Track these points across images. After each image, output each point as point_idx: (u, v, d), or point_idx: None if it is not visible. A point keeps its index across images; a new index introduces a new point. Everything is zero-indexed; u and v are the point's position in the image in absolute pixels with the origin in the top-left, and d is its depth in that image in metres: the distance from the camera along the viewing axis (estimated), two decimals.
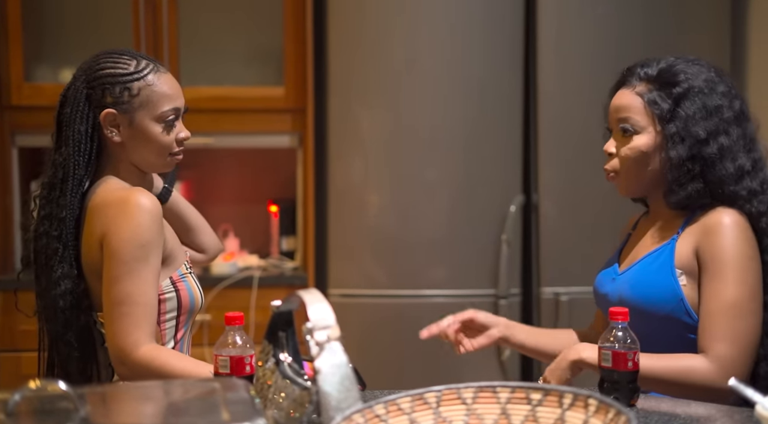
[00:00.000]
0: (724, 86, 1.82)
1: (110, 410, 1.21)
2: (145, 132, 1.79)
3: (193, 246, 2.06)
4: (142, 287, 1.70)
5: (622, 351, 1.60)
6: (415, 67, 3.21)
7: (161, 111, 1.79)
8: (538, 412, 1.26)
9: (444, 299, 3.24)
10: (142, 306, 1.70)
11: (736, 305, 1.72)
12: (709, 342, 1.71)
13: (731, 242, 1.75)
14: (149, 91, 1.78)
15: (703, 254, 1.77)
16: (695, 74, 1.81)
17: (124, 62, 1.78)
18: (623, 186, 1.89)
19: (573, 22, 3.21)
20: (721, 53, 3.25)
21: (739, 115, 1.81)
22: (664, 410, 1.57)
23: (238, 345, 1.58)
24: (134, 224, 1.70)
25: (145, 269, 1.70)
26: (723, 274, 1.74)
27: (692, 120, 1.78)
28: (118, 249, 1.70)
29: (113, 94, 1.76)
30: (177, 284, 1.79)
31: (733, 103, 1.81)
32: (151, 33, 3.27)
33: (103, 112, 1.77)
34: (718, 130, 1.79)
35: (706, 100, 1.79)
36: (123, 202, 1.72)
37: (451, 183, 3.23)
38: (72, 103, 1.77)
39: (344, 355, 1.24)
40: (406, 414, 1.27)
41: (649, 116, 1.82)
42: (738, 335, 1.71)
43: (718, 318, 1.72)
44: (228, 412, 1.14)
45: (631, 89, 1.85)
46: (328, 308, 1.25)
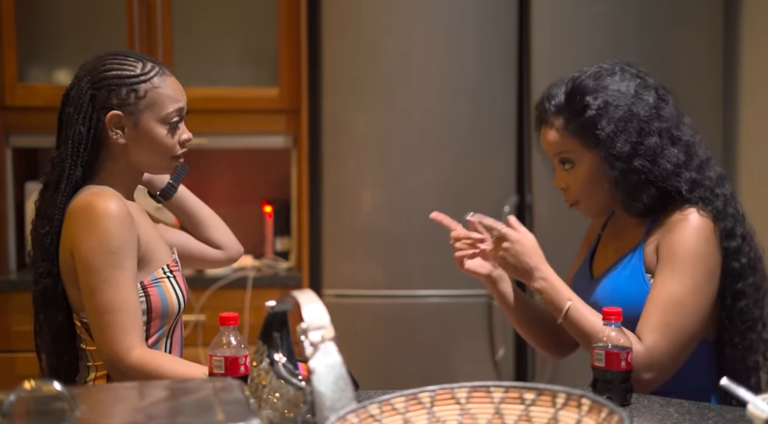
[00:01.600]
0: (631, 85, 1.81)
1: (104, 411, 1.21)
2: (150, 134, 1.79)
3: (209, 243, 2.04)
4: (122, 294, 1.70)
5: (615, 351, 1.61)
6: (409, 67, 3.22)
7: (166, 113, 1.79)
8: (531, 412, 1.26)
9: (438, 299, 3.25)
10: (125, 312, 1.70)
11: (675, 299, 1.73)
12: (643, 330, 1.73)
13: (686, 238, 1.76)
14: (155, 94, 1.78)
15: (660, 249, 1.78)
16: (598, 89, 1.81)
17: (131, 64, 1.78)
18: (587, 212, 1.92)
19: (567, 22, 3.22)
20: (714, 49, 3.27)
21: (655, 107, 1.80)
22: (657, 410, 1.58)
23: (232, 345, 1.59)
24: (101, 231, 1.69)
25: (121, 274, 1.70)
26: (671, 267, 1.75)
27: (614, 136, 1.78)
28: (90, 259, 1.70)
29: (119, 95, 1.76)
30: (148, 289, 1.77)
31: (644, 99, 1.80)
32: (146, 33, 3.27)
33: (109, 114, 1.76)
34: (641, 135, 1.78)
35: (617, 111, 1.79)
36: (88, 209, 1.71)
37: (445, 183, 3.23)
38: (75, 104, 1.77)
39: (338, 355, 1.24)
40: (400, 414, 1.27)
41: (577, 145, 1.83)
42: (670, 330, 1.72)
43: (656, 309, 1.73)
44: (223, 412, 1.14)
45: (550, 126, 1.86)
46: (323, 308, 1.25)
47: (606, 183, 1.84)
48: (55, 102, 3.09)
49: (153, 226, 1.86)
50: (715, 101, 3.25)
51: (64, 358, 1.80)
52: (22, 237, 3.35)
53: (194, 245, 2.03)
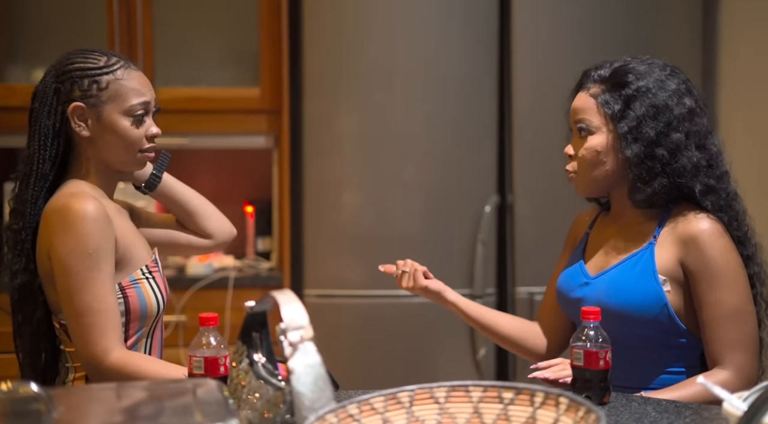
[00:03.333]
0: (675, 84, 1.85)
1: (81, 412, 1.20)
2: (114, 126, 1.78)
3: (198, 232, 2.03)
4: (99, 295, 1.69)
5: (593, 350, 1.62)
6: (391, 67, 3.22)
7: (129, 105, 1.78)
8: (509, 411, 1.27)
9: (420, 300, 3.21)
10: (103, 313, 1.69)
11: (739, 311, 1.76)
12: (723, 352, 1.75)
13: (719, 250, 1.78)
14: (118, 85, 1.77)
15: (692, 266, 1.79)
16: (645, 74, 1.84)
17: (95, 58, 1.78)
18: (580, 186, 1.92)
19: (547, 23, 3.23)
20: (693, 52, 3.29)
21: (690, 112, 1.84)
22: (635, 408, 1.59)
23: (212, 346, 1.59)
24: (78, 233, 1.69)
25: (98, 276, 1.70)
26: (719, 282, 1.77)
27: (642, 120, 1.81)
28: (67, 262, 1.69)
29: (81, 87, 1.76)
30: (126, 290, 1.77)
31: (683, 101, 1.84)
32: (126, 33, 3.26)
33: (71, 105, 1.76)
34: (669, 129, 1.81)
35: (655, 99, 1.82)
36: (64, 211, 1.71)
37: (427, 183, 3.24)
38: (41, 98, 1.77)
39: (317, 355, 1.24)
40: (379, 414, 1.27)
41: (602, 116, 1.86)
42: (749, 340, 1.76)
43: (725, 326, 1.75)
44: (201, 412, 1.14)
45: (586, 91, 1.89)
46: (302, 308, 1.26)
47: (613, 163, 1.85)
48: None
49: (132, 226, 1.85)
50: None
51: (43, 358, 1.79)
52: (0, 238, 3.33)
53: (181, 238, 2.03)
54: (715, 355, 1.76)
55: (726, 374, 1.74)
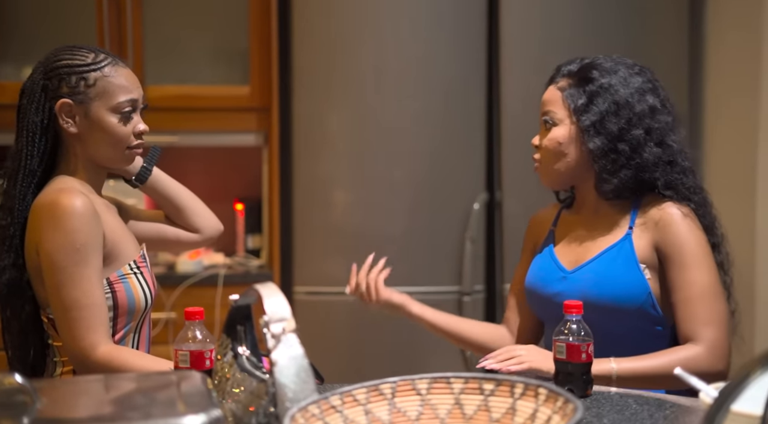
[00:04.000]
0: (639, 82, 1.90)
1: (66, 404, 1.21)
2: (101, 123, 1.79)
3: (186, 227, 2.04)
4: (87, 290, 1.70)
5: (576, 343, 1.64)
6: (380, 66, 3.23)
7: (117, 102, 1.79)
8: (490, 401, 1.28)
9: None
10: (90, 308, 1.70)
11: (710, 288, 1.81)
12: (695, 328, 1.79)
13: (689, 232, 1.84)
14: (105, 82, 1.79)
15: (665, 248, 1.84)
16: (610, 71, 1.90)
17: (82, 54, 1.80)
18: (544, 176, 1.98)
19: (536, 22, 3.25)
20: (680, 52, 3.31)
21: (652, 109, 1.89)
22: (616, 401, 1.61)
23: (197, 340, 1.60)
24: (65, 229, 1.70)
25: (86, 271, 1.71)
26: (691, 262, 1.82)
27: (605, 115, 1.87)
28: (55, 257, 1.70)
29: (69, 84, 1.77)
30: (114, 285, 1.78)
31: (646, 98, 1.89)
32: (116, 32, 3.27)
33: (59, 102, 1.77)
34: (630, 125, 1.87)
35: (617, 96, 1.88)
36: (53, 206, 1.72)
37: (416, 181, 3.25)
38: (28, 94, 1.79)
39: (300, 347, 1.26)
40: (362, 405, 1.29)
41: (566, 109, 1.91)
42: (720, 317, 1.80)
43: (699, 304, 1.80)
44: (184, 404, 1.15)
45: (555, 85, 1.95)
46: (284, 300, 1.27)
47: (575, 155, 1.91)
48: None
49: (120, 221, 1.87)
50: (680, 103, 3.28)
51: (31, 353, 1.80)
52: None
53: (169, 232, 2.04)
54: (688, 332, 1.80)
55: (698, 349, 1.77)
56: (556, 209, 2.08)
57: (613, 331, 1.82)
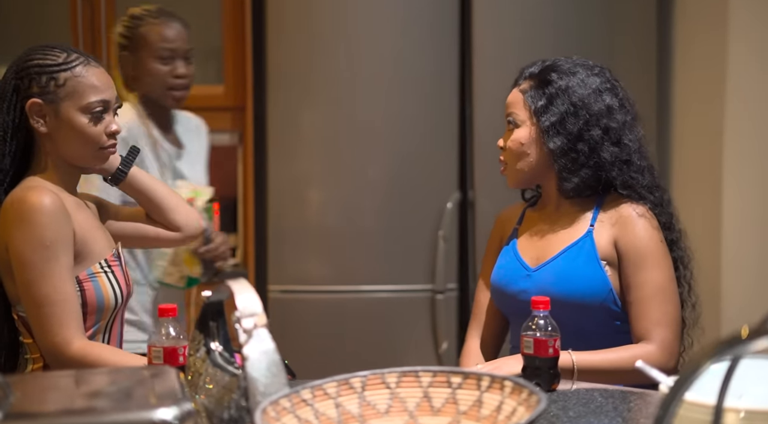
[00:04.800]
0: (597, 83, 1.95)
1: (39, 397, 1.23)
2: (71, 123, 1.80)
3: (166, 225, 2.04)
4: (58, 286, 1.71)
5: (543, 338, 1.67)
6: (354, 65, 3.26)
7: (87, 102, 1.80)
8: (458, 394, 1.31)
9: (383, 294, 3.30)
10: (62, 304, 1.72)
11: (662, 289, 1.86)
12: (648, 328, 1.84)
13: (643, 231, 1.89)
14: (75, 82, 1.79)
15: (623, 246, 1.89)
16: (568, 73, 1.95)
17: (54, 54, 1.80)
18: (509, 177, 2.03)
19: (507, 22, 3.28)
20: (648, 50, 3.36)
21: (609, 109, 1.93)
22: (582, 394, 1.64)
23: (171, 336, 1.62)
24: (33, 226, 1.71)
25: (56, 267, 1.72)
26: (644, 262, 1.87)
27: (564, 116, 1.92)
28: (25, 254, 1.71)
29: (39, 83, 1.78)
30: (83, 284, 1.79)
31: (603, 98, 1.93)
32: (89, 31, 3.27)
33: (29, 102, 1.78)
34: (587, 125, 1.92)
35: (575, 97, 1.92)
36: (20, 204, 1.73)
37: (390, 180, 3.28)
38: (1, 95, 1.79)
39: (271, 342, 1.28)
40: (332, 398, 1.31)
41: (527, 111, 1.96)
42: (671, 317, 1.85)
43: (651, 304, 1.85)
44: (156, 397, 1.17)
45: (518, 87, 2.00)
46: (255, 296, 1.29)
47: (537, 155, 1.96)
48: None
49: (93, 220, 1.87)
50: (649, 102, 3.33)
51: (3, 351, 1.81)
52: None
53: (149, 231, 2.04)
54: (641, 332, 1.85)
55: (650, 348, 1.82)
56: (522, 208, 2.11)
57: (577, 327, 1.85)
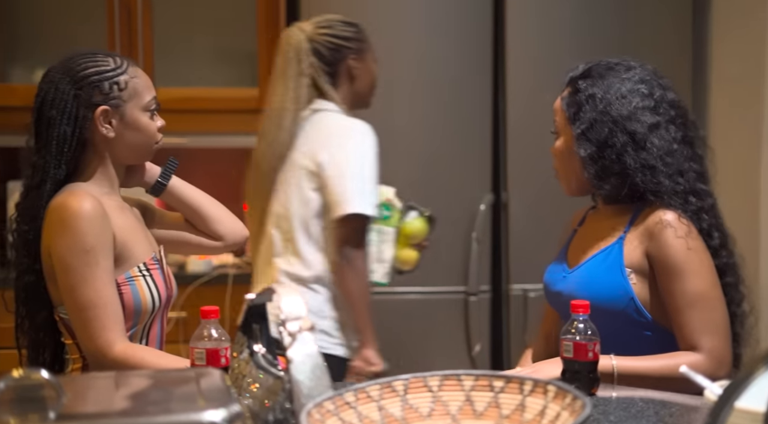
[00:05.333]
0: (630, 85, 1.89)
1: (89, 398, 1.25)
2: (136, 123, 1.84)
3: (211, 235, 2.07)
4: (99, 290, 1.74)
5: (582, 342, 1.67)
6: (387, 67, 3.25)
7: (146, 100, 1.86)
8: (500, 398, 1.32)
9: (415, 296, 3.31)
10: (104, 307, 1.74)
11: (702, 297, 1.80)
12: (692, 337, 1.79)
13: (674, 241, 1.83)
14: (134, 83, 1.84)
15: (653, 256, 1.85)
16: (599, 77, 1.91)
17: (103, 60, 1.83)
18: (563, 184, 2.01)
19: (541, 22, 3.28)
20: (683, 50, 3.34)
21: (634, 113, 1.88)
22: (623, 399, 1.64)
23: (213, 338, 1.63)
24: (74, 231, 1.73)
25: (97, 271, 1.74)
26: (677, 272, 1.82)
27: (592, 123, 1.89)
28: (67, 258, 1.74)
29: (103, 90, 1.80)
30: (121, 287, 1.81)
31: (630, 101, 1.88)
32: (126, 35, 3.31)
33: (99, 110, 1.80)
34: (612, 132, 1.87)
35: (601, 103, 1.88)
36: (62, 209, 1.75)
37: (423, 182, 3.28)
38: (57, 106, 1.79)
39: (315, 345, 1.29)
40: (375, 401, 1.32)
41: (564, 118, 1.94)
42: (717, 325, 1.80)
43: (691, 313, 1.79)
44: (204, 399, 1.19)
45: (560, 94, 1.98)
46: (300, 300, 1.30)
47: (576, 163, 1.93)
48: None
49: (134, 223, 1.90)
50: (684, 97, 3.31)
51: (46, 352, 1.84)
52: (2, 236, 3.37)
53: (192, 239, 2.07)
54: (685, 340, 1.81)
55: (696, 356, 1.78)
56: (586, 210, 2.10)
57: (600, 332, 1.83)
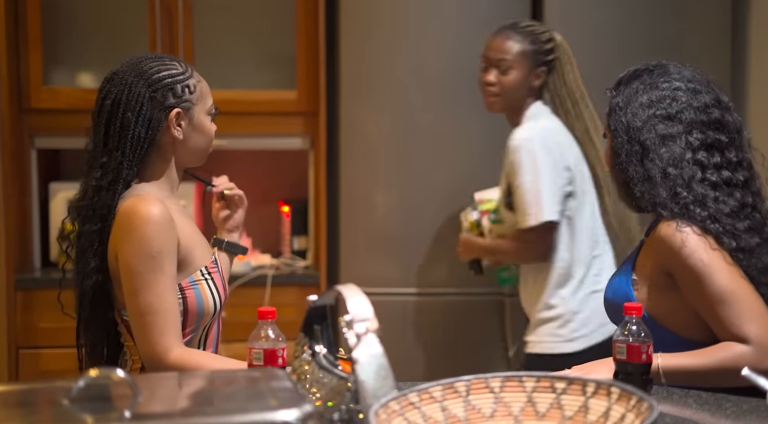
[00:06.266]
0: (652, 94, 1.90)
1: (162, 397, 1.27)
2: (202, 126, 1.89)
3: None
4: (161, 296, 1.76)
5: (636, 344, 1.68)
6: (424, 70, 3.29)
7: (210, 104, 1.91)
8: (562, 400, 1.34)
9: (451, 297, 3.32)
10: (163, 313, 1.76)
11: (730, 291, 1.78)
12: (733, 331, 1.76)
13: (682, 249, 1.81)
14: (201, 87, 1.89)
15: (665, 270, 1.86)
16: (626, 84, 1.93)
17: (171, 64, 1.87)
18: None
19: (576, 28, 3.28)
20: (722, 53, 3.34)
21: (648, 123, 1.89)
22: (676, 400, 1.65)
23: (270, 338, 1.65)
24: (141, 236, 1.76)
25: (160, 277, 1.77)
26: (698, 276, 1.80)
27: (613, 133, 1.93)
28: (131, 263, 1.77)
29: (176, 93, 1.84)
30: (185, 291, 1.84)
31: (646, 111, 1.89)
32: (167, 38, 3.34)
33: (173, 112, 1.84)
34: (623, 142, 1.90)
35: (618, 114, 1.91)
36: (131, 213, 1.78)
37: (458, 182, 3.30)
38: (133, 108, 1.81)
39: (380, 346, 1.32)
40: (438, 402, 1.34)
41: (606, 127, 1.99)
42: (753, 313, 1.76)
43: (724, 309, 1.77)
44: (275, 399, 1.21)
45: None
46: (367, 301, 1.33)
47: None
48: (78, 104, 3.17)
49: (193, 226, 1.93)
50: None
51: (107, 352, 1.87)
52: (46, 236, 3.42)
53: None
54: (725, 337, 1.78)
55: (742, 346, 1.74)
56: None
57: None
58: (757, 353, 1.74)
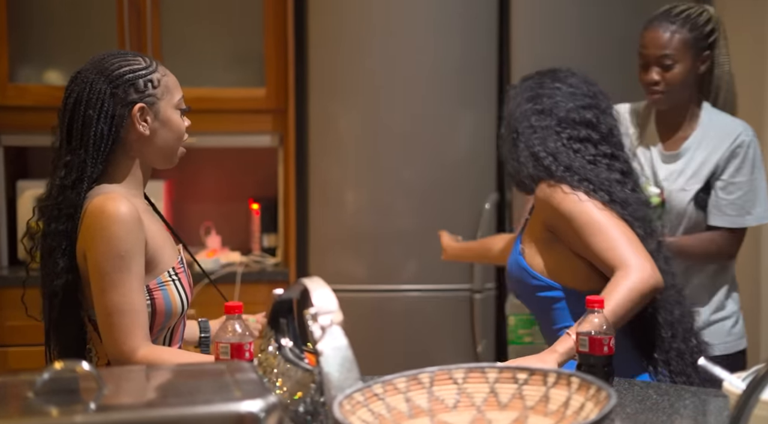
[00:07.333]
0: (524, 98, 2.14)
1: (128, 390, 1.28)
2: (170, 121, 1.87)
3: None
4: (127, 296, 1.76)
5: (598, 337, 1.71)
6: (393, 68, 3.31)
7: (178, 98, 1.89)
8: (524, 390, 1.36)
9: (420, 294, 3.35)
10: (130, 313, 1.76)
11: (598, 222, 1.97)
12: (614, 265, 1.91)
13: (554, 196, 2.03)
14: (165, 81, 1.87)
15: (550, 223, 2.06)
16: (524, 82, 2.18)
17: (134, 59, 1.86)
18: None
19: (546, 22, 3.31)
20: None
21: (519, 117, 2.13)
22: (637, 391, 1.68)
23: (237, 333, 1.66)
24: (109, 235, 1.75)
25: (127, 277, 1.76)
26: (571, 218, 2.00)
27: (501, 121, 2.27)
28: (98, 263, 1.76)
29: (138, 88, 1.83)
30: (153, 293, 1.83)
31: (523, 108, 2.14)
32: (135, 35, 3.33)
33: (136, 107, 1.82)
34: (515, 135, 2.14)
35: (509, 107, 2.19)
36: (98, 212, 1.77)
37: (427, 181, 3.32)
38: (94, 105, 1.80)
39: (345, 338, 1.33)
40: (402, 393, 1.36)
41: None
42: (621, 242, 1.94)
43: (599, 241, 1.96)
44: (240, 390, 1.22)
45: None
46: (332, 294, 1.34)
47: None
48: (45, 102, 3.16)
49: (160, 225, 1.92)
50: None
51: (74, 351, 1.86)
52: (13, 235, 3.40)
53: None
54: (607, 268, 1.94)
55: (622, 274, 1.88)
56: None
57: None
58: (640, 272, 1.87)
